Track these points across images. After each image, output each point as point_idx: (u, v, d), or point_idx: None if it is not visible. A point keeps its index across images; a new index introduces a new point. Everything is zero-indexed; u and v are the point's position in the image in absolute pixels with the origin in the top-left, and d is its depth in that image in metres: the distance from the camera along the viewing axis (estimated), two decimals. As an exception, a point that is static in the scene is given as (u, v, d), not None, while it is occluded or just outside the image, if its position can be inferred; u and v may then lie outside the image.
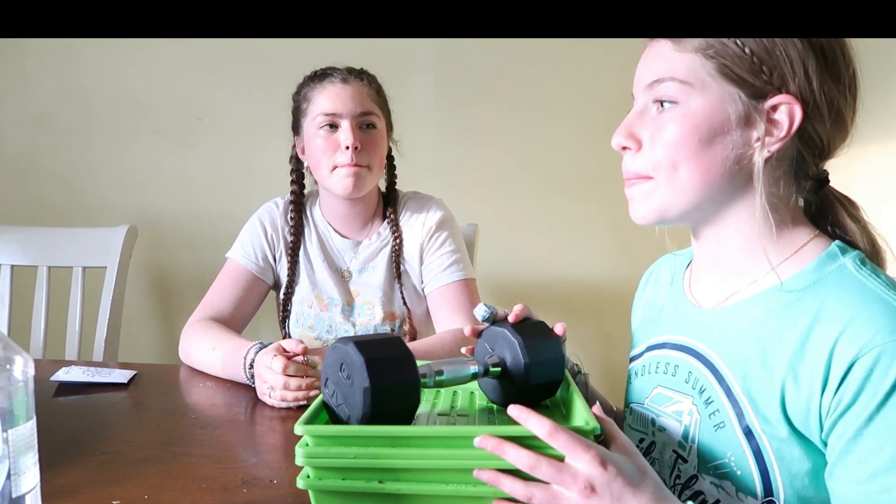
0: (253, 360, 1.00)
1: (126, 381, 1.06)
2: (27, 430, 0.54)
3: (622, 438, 0.60)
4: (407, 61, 1.88)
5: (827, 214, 0.70)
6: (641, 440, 0.78)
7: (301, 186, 1.33)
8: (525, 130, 1.90)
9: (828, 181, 0.69)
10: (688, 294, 0.77)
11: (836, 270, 0.64)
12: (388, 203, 1.33)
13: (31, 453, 0.54)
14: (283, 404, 0.95)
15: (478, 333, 0.81)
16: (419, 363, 0.69)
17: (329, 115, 1.20)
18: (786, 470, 0.63)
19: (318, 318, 1.28)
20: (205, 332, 1.15)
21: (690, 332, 0.74)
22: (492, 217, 1.78)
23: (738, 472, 0.65)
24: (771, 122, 0.64)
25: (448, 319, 1.23)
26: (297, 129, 1.28)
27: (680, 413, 0.72)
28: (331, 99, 1.20)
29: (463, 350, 0.84)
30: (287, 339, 1.19)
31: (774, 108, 0.64)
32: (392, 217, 1.31)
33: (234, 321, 1.23)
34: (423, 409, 0.77)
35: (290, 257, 1.29)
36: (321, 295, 1.29)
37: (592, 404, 0.68)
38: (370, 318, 1.27)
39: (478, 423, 0.74)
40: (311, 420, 0.64)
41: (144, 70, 1.93)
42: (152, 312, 2.04)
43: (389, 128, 1.30)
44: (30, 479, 0.54)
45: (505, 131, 1.91)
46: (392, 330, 1.28)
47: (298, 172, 1.32)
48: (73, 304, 1.49)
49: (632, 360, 0.84)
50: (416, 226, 1.30)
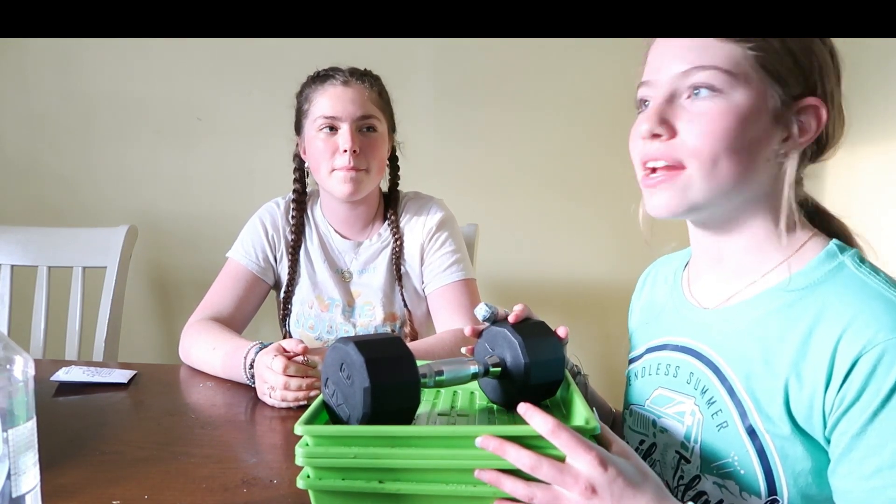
0: (253, 361, 1.01)
1: (126, 381, 1.06)
2: (27, 430, 0.54)
3: (620, 442, 0.61)
4: (407, 61, 1.88)
5: (818, 213, 0.72)
6: (642, 442, 0.78)
7: (303, 185, 1.32)
8: (525, 131, 1.90)
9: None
10: (687, 295, 0.77)
11: (836, 268, 0.64)
12: (390, 204, 1.33)
13: (31, 453, 0.54)
14: (284, 404, 0.95)
15: (478, 333, 0.82)
16: (419, 363, 0.69)
17: (328, 118, 1.20)
18: (789, 468, 0.63)
19: (318, 318, 1.28)
20: (205, 332, 1.15)
21: (691, 333, 0.74)
22: (492, 217, 1.78)
23: (742, 472, 0.65)
24: (799, 123, 0.65)
25: (448, 319, 1.23)
26: (298, 129, 1.28)
27: (682, 414, 0.72)
28: (331, 101, 1.20)
29: (463, 350, 0.84)
30: (287, 338, 1.19)
31: (802, 110, 0.65)
32: (393, 219, 1.31)
33: (235, 321, 1.23)
34: (423, 409, 0.77)
35: (290, 256, 1.29)
36: (322, 295, 1.29)
37: (591, 405, 0.68)
38: (371, 319, 1.27)
39: (478, 423, 0.74)
40: (311, 420, 0.64)
41: (144, 70, 1.93)
42: (152, 312, 2.04)
43: (392, 129, 1.30)
44: (30, 479, 0.54)
45: (505, 132, 1.91)
46: (392, 331, 1.28)
47: (301, 171, 1.32)
48: (73, 304, 1.49)
49: (631, 361, 0.84)
50: (416, 226, 1.30)
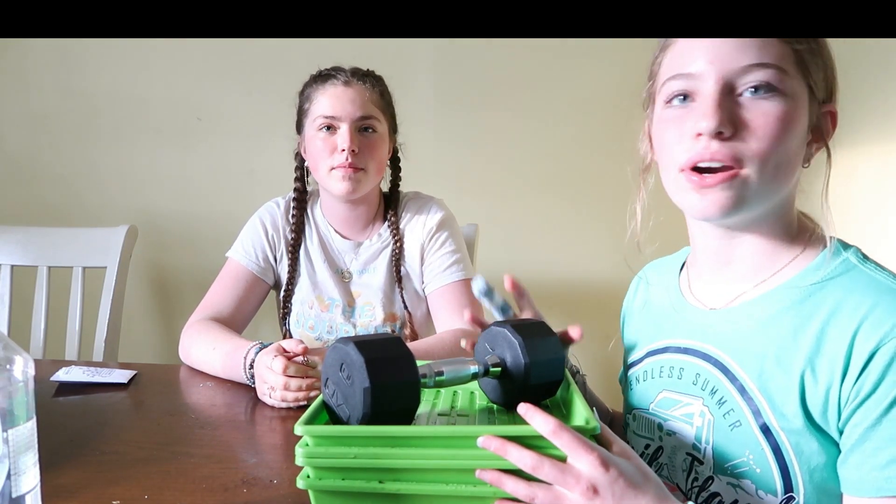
0: (253, 361, 1.00)
1: (126, 381, 1.06)
2: (27, 430, 0.54)
3: (621, 442, 0.61)
4: (407, 62, 1.88)
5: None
6: (647, 446, 0.77)
7: (304, 184, 1.32)
8: (525, 131, 1.90)
9: None
10: (688, 297, 0.77)
11: (842, 265, 0.65)
12: (390, 204, 1.33)
13: (31, 453, 0.54)
14: (284, 404, 0.95)
15: (478, 322, 0.82)
16: (419, 363, 0.69)
17: (328, 118, 1.20)
18: (805, 464, 0.63)
19: (318, 318, 1.28)
20: (205, 332, 1.15)
21: (696, 335, 0.74)
22: (492, 217, 1.78)
23: (758, 471, 0.65)
24: (822, 128, 0.67)
25: (448, 319, 1.23)
26: (299, 128, 1.28)
27: (690, 415, 0.72)
28: (330, 101, 1.20)
29: (462, 343, 0.84)
30: (287, 339, 1.19)
31: (823, 115, 0.67)
32: (393, 220, 1.31)
33: (235, 321, 1.23)
34: (423, 409, 0.77)
35: (290, 256, 1.29)
36: (322, 296, 1.29)
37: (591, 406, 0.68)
38: (371, 320, 1.27)
39: (478, 423, 0.74)
40: (311, 420, 0.64)
41: (145, 70, 1.93)
42: (152, 312, 2.04)
43: (393, 130, 1.30)
44: (30, 479, 0.54)
45: (505, 132, 1.91)
46: (392, 331, 1.28)
47: (301, 171, 1.32)
48: (73, 304, 1.49)
49: (630, 366, 0.84)
50: (416, 226, 1.30)
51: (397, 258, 1.29)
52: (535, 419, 0.57)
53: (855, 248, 0.67)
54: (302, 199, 1.32)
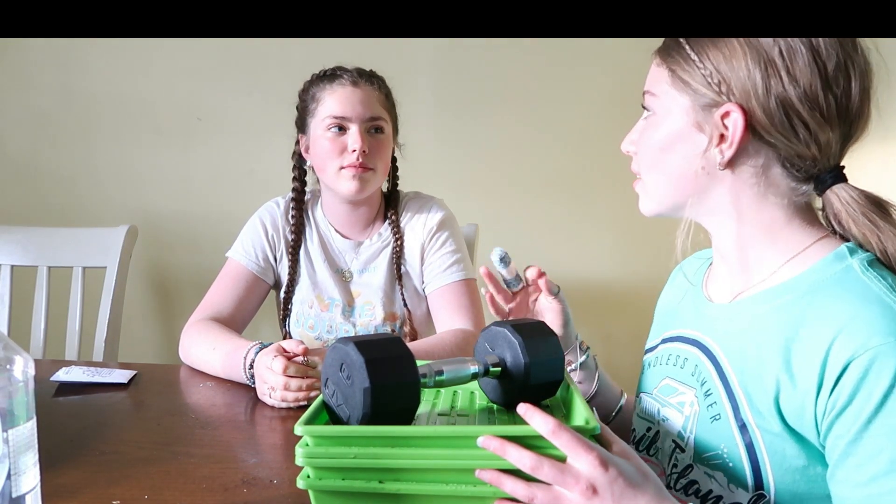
0: (253, 361, 1.00)
1: (126, 381, 1.06)
2: (27, 430, 0.54)
3: (620, 442, 0.61)
4: (407, 62, 1.88)
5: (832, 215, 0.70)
6: (648, 429, 0.79)
7: (303, 184, 1.32)
8: (525, 131, 1.90)
9: (843, 179, 0.67)
10: (704, 290, 0.79)
11: (841, 271, 0.64)
12: (390, 204, 1.33)
13: (31, 453, 0.54)
14: (284, 405, 0.95)
15: (490, 276, 0.86)
16: (419, 363, 0.69)
17: (338, 119, 1.20)
18: (777, 465, 0.63)
19: (318, 318, 1.28)
20: (205, 333, 1.15)
21: (701, 327, 0.75)
22: (492, 217, 1.78)
23: (730, 464, 0.66)
24: (725, 129, 0.66)
25: (448, 319, 1.23)
26: (302, 127, 1.28)
27: (682, 404, 0.73)
28: (340, 102, 1.20)
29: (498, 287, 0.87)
30: (287, 339, 1.19)
31: (726, 115, 0.65)
32: (393, 219, 1.31)
33: (235, 321, 1.23)
34: (423, 409, 0.77)
35: (290, 255, 1.29)
36: (322, 295, 1.29)
37: (602, 384, 0.72)
38: (371, 319, 1.27)
39: (478, 423, 0.74)
40: (311, 420, 0.64)
41: (145, 70, 1.93)
42: (152, 312, 2.04)
43: (395, 131, 1.30)
44: (30, 479, 0.54)
45: (505, 132, 1.91)
46: (392, 331, 1.28)
47: (301, 170, 1.32)
48: (73, 304, 1.49)
49: (647, 351, 0.86)
50: (417, 226, 1.30)
51: (398, 256, 1.29)
52: (535, 419, 0.57)
53: (865, 256, 0.64)
54: (301, 199, 1.32)
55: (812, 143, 0.65)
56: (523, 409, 0.59)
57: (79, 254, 1.51)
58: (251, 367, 1.01)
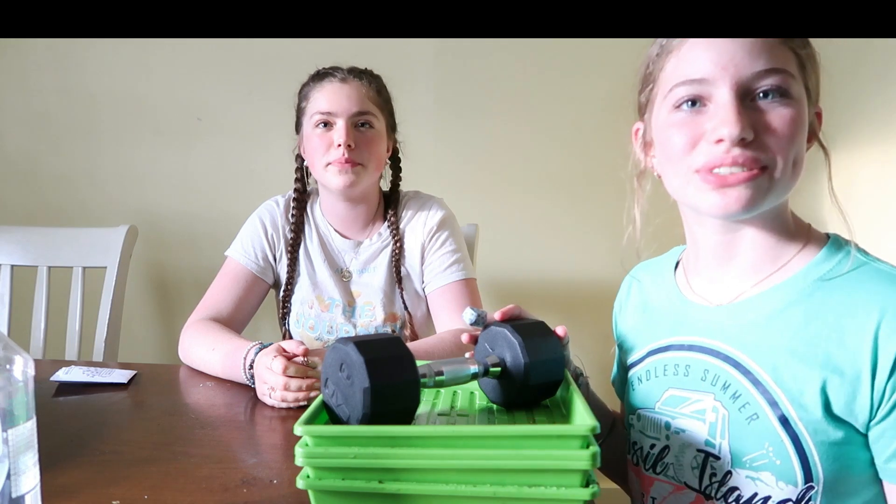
0: (252, 361, 1.00)
1: (126, 381, 1.06)
2: (27, 430, 0.54)
3: None
4: (407, 61, 1.88)
5: None
6: (653, 445, 0.77)
7: (304, 184, 1.32)
8: (525, 131, 1.90)
9: None
10: (688, 294, 0.77)
11: (846, 259, 0.67)
12: (390, 204, 1.33)
13: (31, 453, 0.54)
14: (284, 405, 0.95)
15: (475, 339, 0.82)
16: (419, 363, 0.69)
17: (324, 114, 1.20)
18: (824, 454, 0.64)
19: (318, 318, 1.28)
20: (204, 333, 1.15)
21: (701, 332, 0.74)
22: (492, 217, 1.78)
23: (778, 462, 0.65)
24: (816, 125, 0.70)
25: (448, 319, 1.23)
26: (297, 127, 1.29)
27: (702, 411, 0.72)
28: (327, 98, 1.20)
29: (463, 338, 0.83)
30: (287, 339, 1.19)
31: (817, 115, 0.70)
32: (393, 220, 1.30)
33: (234, 321, 1.23)
34: (423, 409, 0.77)
35: (290, 255, 1.29)
36: (322, 295, 1.28)
37: (591, 408, 0.67)
38: (371, 319, 1.27)
39: (478, 423, 0.74)
40: (311, 420, 0.64)
41: (145, 70, 1.93)
42: (152, 312, 2.04)
43: (392, 129, 1.30)
44: (30, 479, 0.54)
45: (505, 132, 1.91)
46: (393, 331, 1.28)
47: (301, 171, 1.32)
48: (73, 304, 1.49)
49: (630, 367, 0.84)
50: (417, 225, 1.30)
51: (397, 259, 1.29)
52: None
53: (852, 242, 0.69)
54: (302, 199, 1.32)
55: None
56: None
57: (79, 254, 1.51)
58: (251, 367, 1.01)
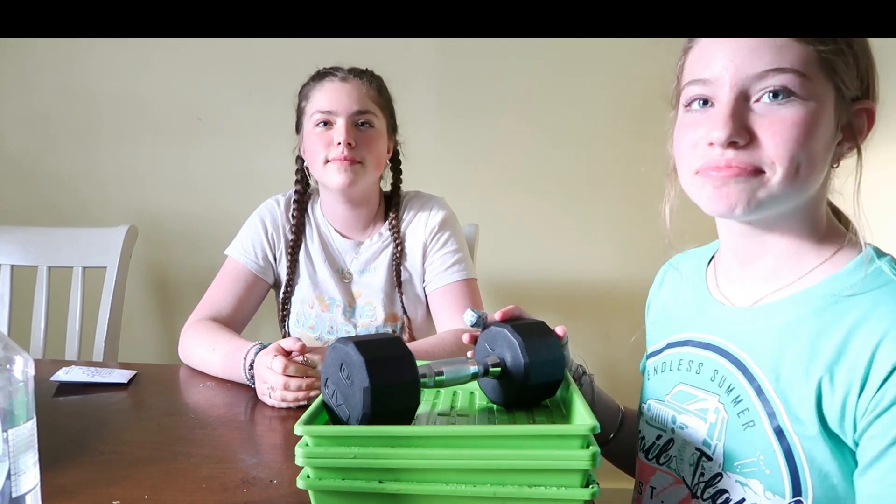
0: (253, 361, 1.00)
1: (126, 381, 1.06)
2: (27, 430, 0.54)
3: None
4: (408, 62, 1.88)
5: (837, 216, 0.71)
6: (659, 437, 0.78)
7: (304, 185, 1.32)
8: (525, 131, 1.90)
9: None
10: (714, 292, 0.77)
11: (873, 274, 0.64)
12: (391, 205, 1.33)
13: (31, 453, 0.54)
14: (284, 404, 0.95)
15: (475, 340, 0.82)
16: (419, 363, 0.69)
17: (324, 113, 1.20)
18: (816, 470, 0.63)
19: (319, 318, 1.28)
20: (204, 333, 1.15)
21: (718, 331, 0.73)
22: (492, 217, 1.78)
23: (767, 472, 0.65)
24: (854, 126, 0.65)
25: (449, 319, 1.23)
26: (298, 127, 1.29)
27: (705, 411, 0.71)
28: (327, 97, 1.20)
29: (464, 338, 0.83)
30: (286, 338, 1.19)
31: (857, 113, 0.65)
32: (394, 221, 1.30)
33: (234, 321, 1.23)
34: (423, 409, 0.77)
35: (290, 255, 1.29)
36: (322, 295, 1.28)
37: (599, 405, 0.67)
38: (372, 320, 1.27)
39: (478, 423, 0.74)
40: (311, 420, 0.64)
41: (145, 70, 1.93)
42: (152, 312, 2.04)
43: (393, 129, 1.30)
44: (30, 479, 0.54)
45: (505, 132, 1.91)
46: (393, 331, 1.28)
47: (302, 171, 1.32)
48: (73, 304, 1.49)
49: (650, 356, 0.84)
50: (418, 225, 1.30)
51: (397, 262, 1.28)
52: None
53: (889, 258, 0.65)
54: (302, 200, 1.32)
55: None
56: None
57: (79, 254, 1.51)
58: (251, 367, 1.01)
